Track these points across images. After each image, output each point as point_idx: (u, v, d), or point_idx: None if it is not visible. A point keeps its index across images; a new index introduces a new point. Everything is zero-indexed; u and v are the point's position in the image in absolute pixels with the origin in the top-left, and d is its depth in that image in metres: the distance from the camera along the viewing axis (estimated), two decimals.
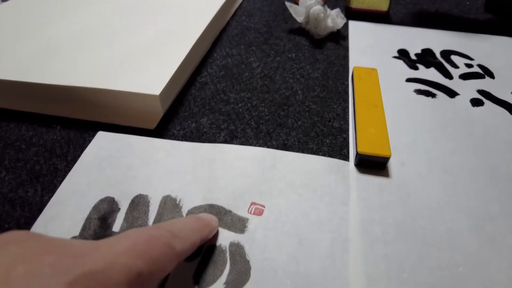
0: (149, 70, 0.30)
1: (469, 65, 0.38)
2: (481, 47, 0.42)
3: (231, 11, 0.48)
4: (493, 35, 0.45)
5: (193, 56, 0.35)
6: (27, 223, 0.22)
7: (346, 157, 0.26)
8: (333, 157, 0.26)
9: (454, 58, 0.39)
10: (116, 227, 0.21)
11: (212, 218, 0.21)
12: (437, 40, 0.43)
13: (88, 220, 0.21)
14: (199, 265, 0.19)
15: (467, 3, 0.55)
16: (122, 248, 0.13)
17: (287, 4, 0.43)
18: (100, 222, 0.21)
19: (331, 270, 0.19)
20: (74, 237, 0.21)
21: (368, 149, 0.24)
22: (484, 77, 0.36)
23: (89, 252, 0.13)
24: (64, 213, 0.22)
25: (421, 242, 0.21)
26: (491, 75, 0.36)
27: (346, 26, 0.45)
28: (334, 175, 0.24)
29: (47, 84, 0.29)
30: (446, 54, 0.40)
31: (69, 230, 0.21)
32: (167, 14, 0.40)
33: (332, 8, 0.44)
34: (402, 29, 0.45)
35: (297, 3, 0.43)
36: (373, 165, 0.25)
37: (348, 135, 0.28)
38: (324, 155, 0.26)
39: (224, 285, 0.19)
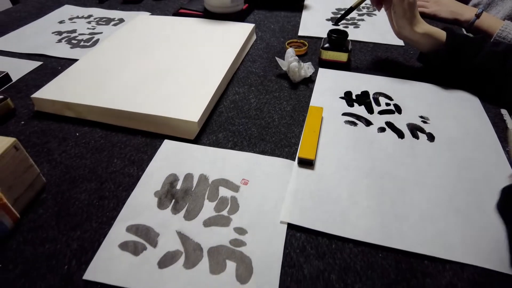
0: (191, 103, 0.54)
1: (388, 104, 0.60)
2: (403, 90, 0.63)
3: (241, 57, 0.72)
4: (418, 81, 0.66)
5: (216, 94, 0.58)
6: (133, 185, 0.46)
7: (293, 159, 0.49)
8: (288, 159, 0.49)
9: (381, 98, 0.61)
10: (178, 186, 0.45)
11: None
12: (375, 84, 0.65)
13: (164, 184, 0.45)
14: (217, 204, 0.43)
15: (411, 51, 0.77)
16: None
17: (276, 58, 0.66)
18: (170, 185, 0.45)
19: (273, 209, 0.42)
20: (157, 192, 0.44)
21: (304, 155, 0.47)
22: (394, 113, 0.58)
23: None
24: (150, 181, 0.46)
25: (321, 202, 0.44)
26: (400, 111, 0.58)
27: (316, 72, 0.68)
28: (286, 168, 0.47)
29: (131, 111, 0.53)
30: (376, 95, 0.62)
31: (153, 188, 0.45)
32: (200, 62, 0.64)
33: (307, 60, 0.67)
34: (355, 75, 0.67)
35: (283, 57, 0.66)
36: (306, 163, 0.48)
37: (298, 147, 0.51)
38: (283, 157, 0.49)
39: (227, 213, 0.42)
